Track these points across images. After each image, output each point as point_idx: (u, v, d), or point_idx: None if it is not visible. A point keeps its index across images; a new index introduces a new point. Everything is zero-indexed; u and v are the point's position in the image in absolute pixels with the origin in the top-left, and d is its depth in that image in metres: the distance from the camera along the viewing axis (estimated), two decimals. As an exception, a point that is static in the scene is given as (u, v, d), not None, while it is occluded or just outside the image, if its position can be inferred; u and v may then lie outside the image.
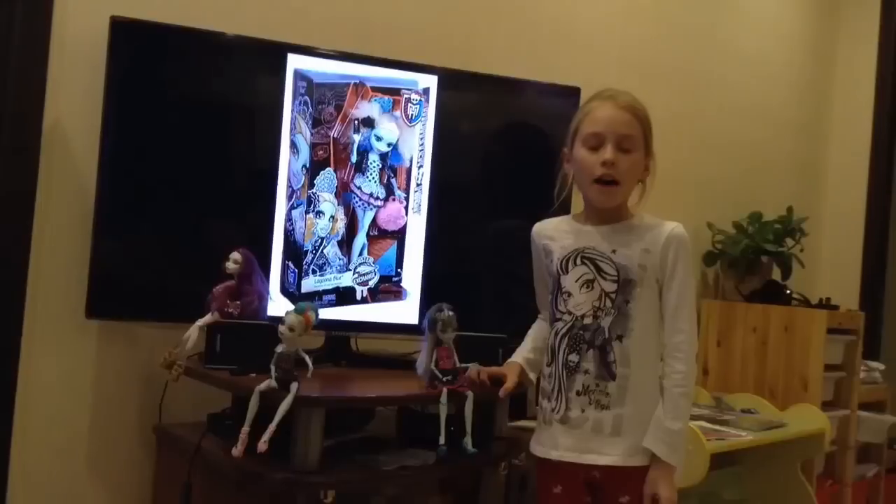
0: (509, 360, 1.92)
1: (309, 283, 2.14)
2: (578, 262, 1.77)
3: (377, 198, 2.20)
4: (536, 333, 1.93)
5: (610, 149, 1.72)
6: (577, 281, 1.77)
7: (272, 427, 1.65)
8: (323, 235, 2.15)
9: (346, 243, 2.17)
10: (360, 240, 2.19)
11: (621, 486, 1.74)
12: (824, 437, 2.75)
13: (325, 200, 2.14)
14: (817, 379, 3.05)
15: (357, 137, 2.16)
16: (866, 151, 4.11)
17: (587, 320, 1.75)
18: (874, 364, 3.59)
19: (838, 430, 3.18)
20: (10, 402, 1.99)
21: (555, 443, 1.77)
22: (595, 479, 1.75)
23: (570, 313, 1.77)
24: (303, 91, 2.11)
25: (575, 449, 1.75)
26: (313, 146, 2.12)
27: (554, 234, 1.83)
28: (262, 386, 1.69)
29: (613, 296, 1.74)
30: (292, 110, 2.11)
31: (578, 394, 1.74)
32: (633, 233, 1.77)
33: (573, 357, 1.75)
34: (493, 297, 2.38)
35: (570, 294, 1.77)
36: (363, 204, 2.18)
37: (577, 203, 1.89)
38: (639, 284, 1.74)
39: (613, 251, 1.75)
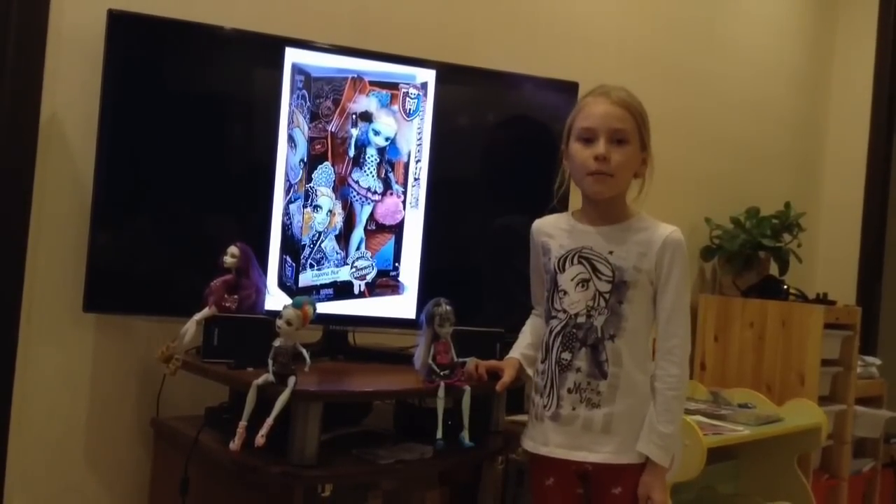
0: (507, 356, 1.93)
1: (306, 278, 2.14)
2: (575, 261, 1.78)
3: (375, 192, 2.19)
4: (532, 329, 1.93)
5: (602, 143, 1.73)
6: (572, 280, 1.77)
7: (270, 421, 1.65)
8: (321, 230, 2.15)
9: (343, 238, 2.17)
10: (358, 234, 2.19)
11: (613, 480, 1.75)
12: (821, 432, 2.76)
13: (323, 195, 2.14)
14: (814, 374, 3.06)
15: (355, 132, 2.16)
16: (864, 147, 4.10)
17: (581, 319, 1.76)
18: (871, 359, 3.59)
19: (835, 424, 3.18)
20: (8, 395, 1.99)
21: (545, 439, 1.78)
22: (587, 471, 1.76)
23: (564, 311, 1.78)
24: (300, 85, 2.11)
25: (565, 445, 1.76)
26: (311, 140, 2.11)
27: (553, 231, 1.84)
28: (260, 380, 1.69)
29: (607, 296, 1.75)
30: (290, 104, 2.10)
31: (570, 391, 1.75)
32: (631, 234, 1.77)
33: (566, 355, 1.76)
34: (490, 292, 2.38)
35: (565, 292, 1.78)
36: (361, 198, 2.18)
37: (575, 199, 1.89)
38: (633, 286, 1.75)
39: (610, 252, 1.76)
